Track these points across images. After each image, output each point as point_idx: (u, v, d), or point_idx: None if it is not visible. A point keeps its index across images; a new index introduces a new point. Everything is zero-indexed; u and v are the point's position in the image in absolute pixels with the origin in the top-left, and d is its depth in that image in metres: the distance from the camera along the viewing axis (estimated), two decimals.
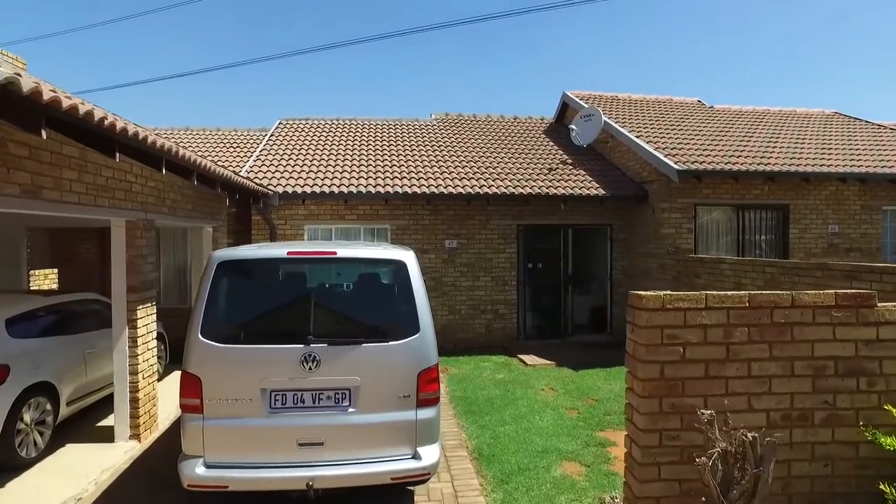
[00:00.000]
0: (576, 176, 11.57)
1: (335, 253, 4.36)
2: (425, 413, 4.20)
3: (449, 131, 14.41)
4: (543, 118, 16.14)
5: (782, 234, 10.82)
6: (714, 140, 11.41)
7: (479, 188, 10.73)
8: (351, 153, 12.33)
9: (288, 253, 4.29)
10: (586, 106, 13.17)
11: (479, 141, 13.62)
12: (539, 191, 10.76)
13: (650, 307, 3.12)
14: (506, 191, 10.66)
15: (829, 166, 10.64)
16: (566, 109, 15.19)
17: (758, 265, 7.87)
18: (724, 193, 10.53)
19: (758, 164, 10.32)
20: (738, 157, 10.58)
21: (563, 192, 10.81)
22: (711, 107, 14.84)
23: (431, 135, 14.08)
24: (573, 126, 12.70)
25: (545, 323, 11.67)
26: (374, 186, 10.54)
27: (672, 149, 10.61)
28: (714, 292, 3.21)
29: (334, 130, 14.15)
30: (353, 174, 11.07)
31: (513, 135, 14.35)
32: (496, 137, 13.96)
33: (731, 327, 3.17)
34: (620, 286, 11.66)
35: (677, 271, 9.84)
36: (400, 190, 10.47)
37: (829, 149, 11.74)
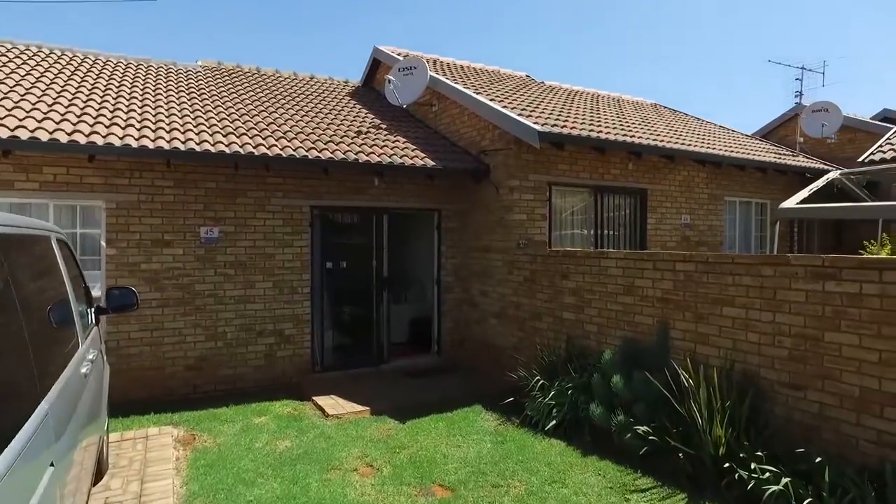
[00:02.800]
0: (393, 142, 8.49)
1: None
2: None
3: (219, 81, 10.35)
4: (348, 81, 12.85)
5: (640, 224, 8.99)
6: (563, 111, 9.21)
7: (255, 147, 7.06)
8: (43, 87, 7.67)
9: None
10: (404, 59, 10.19)
11: (263, 95, 9.84)
12: (345, 156, 7.43)
13: None
14: (295, 153, 7.14)
15: (688, 145, 9.06)
16: (377, 69, 12.12)
17: (663, 260, 5.52)
18: (583, 171, 8.31)
19: (622, 136, 8.28)
20: (599, 127, 8.45)
21: (379, 159, 7.64)
22: (542, 82, 12.95)
23: (192, 81, 9.91)
24: (391, 77, 9.61)
25: (352, 344, 8.39)
26: (72, 133, 6.26)
27: (523, 110, 8.10)
28: None
29: (30, 62, 9.14)
30: (36, 114, 6.58)
31: (308, 94, 10.82)
32: (286, 95, 10.30)
33: None
34: (451, 291, 8.87)
35: (532, 271, 7.29)
36: (118, 142, 6.33)
37: (678, 132, 10.34)
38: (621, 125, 9.13)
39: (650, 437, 4.62)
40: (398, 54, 11.26)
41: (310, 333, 7.79)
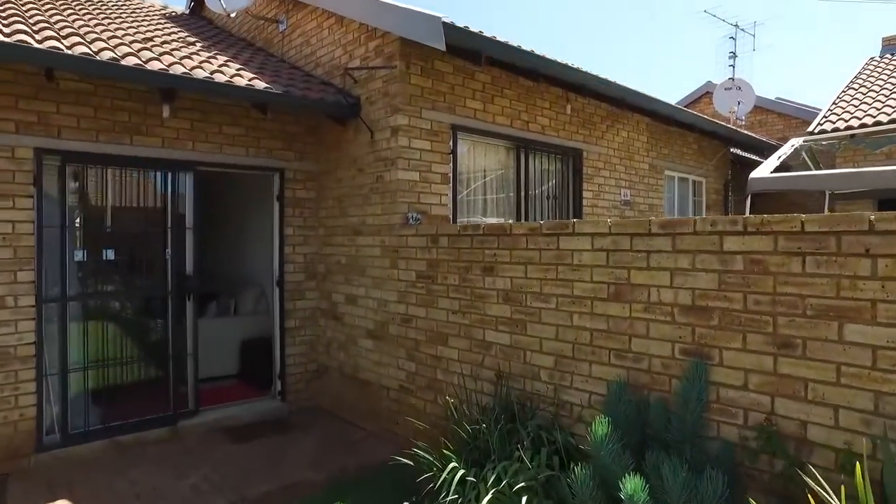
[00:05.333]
0: (206, 58, 5.22)
1: None
2: None
3: None
4: (167, 6, 9.19)
5: (574, 198, 6.49)
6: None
7: None
8: None
9: None
10: None
11: None
12: (95, 56, 4.05)
13: None
14: None
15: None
16: None
17: (694, 234, 2.88)
18: (502, 115, 5.61)
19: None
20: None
21: (168, 69, 4.36)
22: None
23: None
24: None
25: (130, 388, 4.96)
26: None
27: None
28: None
29: None
30: None
31: (97, 2, 7.09)
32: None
33: None
34: (301, 296, 5.77)
35: (431, 262, 4.42)
36: None
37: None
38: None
39: None
40: None
41: (35, 378, 4.30)
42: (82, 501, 3.69)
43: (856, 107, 8.77)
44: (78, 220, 4.63)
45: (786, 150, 7.18)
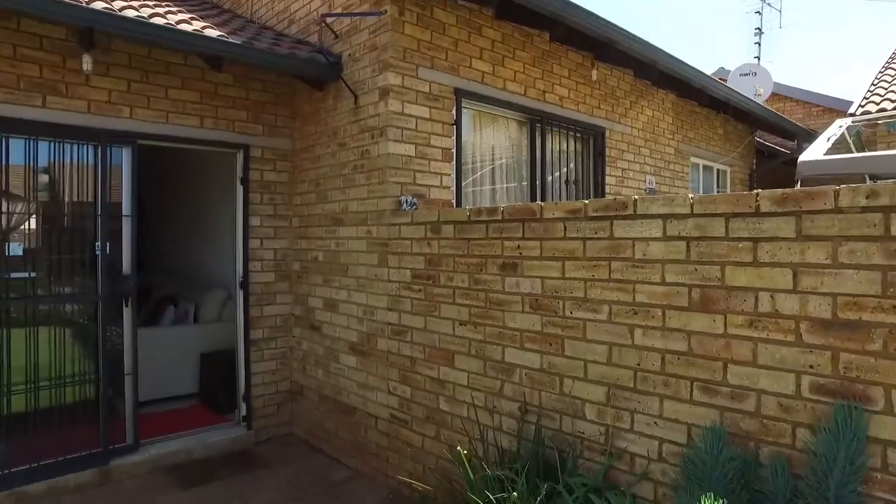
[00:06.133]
0: (149, 6, 4.21)
1: None
2: None
3: None
4: None
5: (595, 185, 5.53)
6: None
7: None
8: None
9: None
10: None
11: None
12: None
13: None
14: None
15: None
16: None
17: (835, 212, 1.89)
18: (514, 81, 4.63)
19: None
20: None
21: (93, 7, 3.35)
22: None
23: None
24: None
25: (42, 420, 3.92)
26: None
27: None
28: None
29: None
30: None
31: None
32: None
33: None
34: (269, 301, 4.76)
35: (431, 258, 3.43)
36: None
37: None
38: None
39: None
40: None
41: None
42: None
43: None
44: None
45: (834, 132, 6.27)
